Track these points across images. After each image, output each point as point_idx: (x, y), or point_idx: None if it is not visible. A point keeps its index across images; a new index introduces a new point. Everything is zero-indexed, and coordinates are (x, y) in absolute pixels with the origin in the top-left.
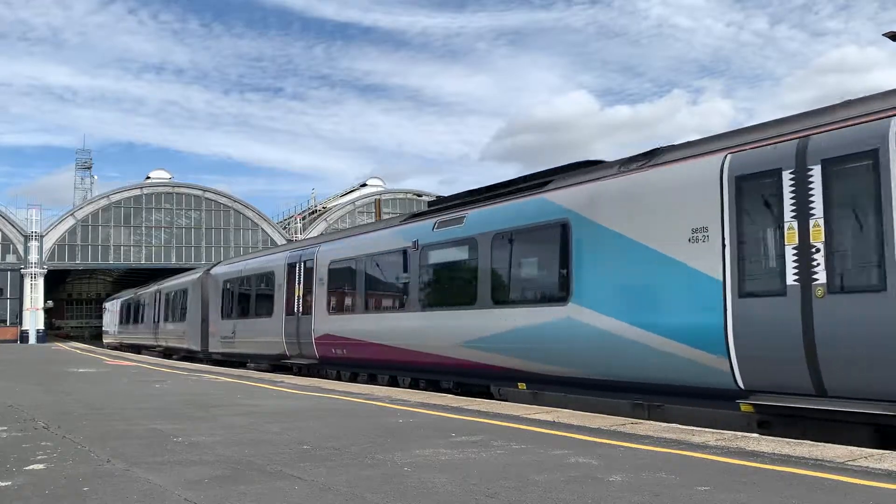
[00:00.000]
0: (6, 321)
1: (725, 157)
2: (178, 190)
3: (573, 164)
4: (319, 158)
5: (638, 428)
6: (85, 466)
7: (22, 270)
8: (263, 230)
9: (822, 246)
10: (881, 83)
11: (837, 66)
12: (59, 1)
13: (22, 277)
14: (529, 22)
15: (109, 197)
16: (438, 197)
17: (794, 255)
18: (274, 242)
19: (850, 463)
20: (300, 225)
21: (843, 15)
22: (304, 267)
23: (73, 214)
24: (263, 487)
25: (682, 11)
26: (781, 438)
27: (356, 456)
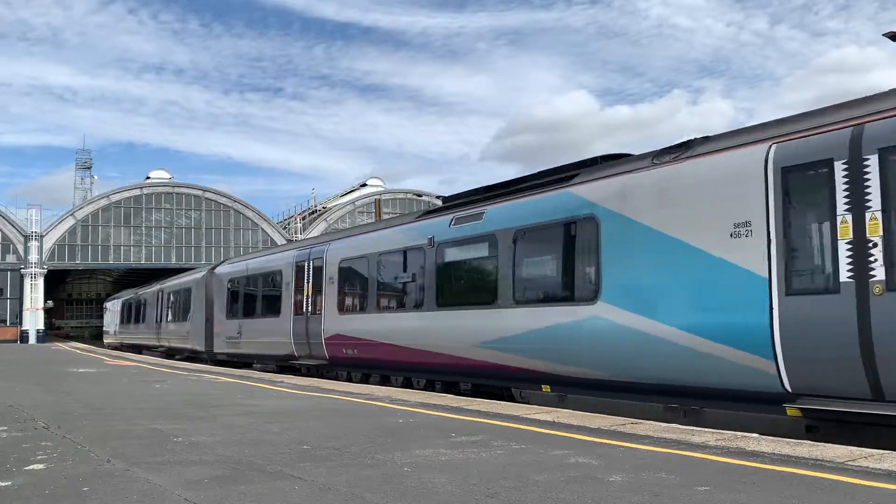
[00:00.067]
0: (6, 321)
1: (770, 147)
2: (178, 190)
3: (598, 157)
4: (319, 158)
5: (638, 428)
6: (85, 466)
7: (22, 270)
8: (263, 230)
9: (879, 240)
10: (881, 83)
11: (837, 66)
12: (59, 1)
13: (22, 277)
14: (529, 22)
15: (109, 197)
16: (445, 194)
17: (847, 250)
18: (274, 242)
19: (850, 463)
20: (300, 225)
21: (843, 15)
22: (312, 265)
23: (73, 214)
24: (263, 487)
25: (682, 11)
26: (781, 438)
27: (356, 456)
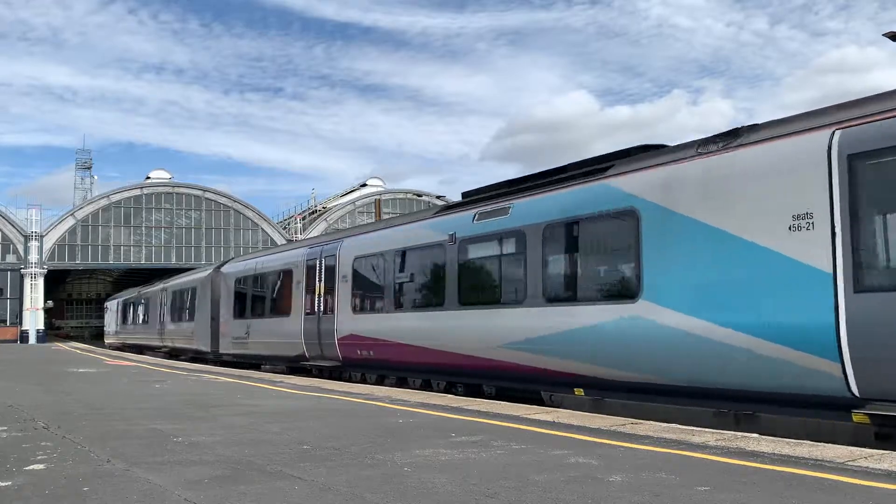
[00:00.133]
0: (6, 321)
1: (833, 133)
2: (178, 190)
3: (632, 148)
4: (319, 158)
5: (638, 428)
6: (85, 466)
7: (22, 270)
8: (263, 230)
9: None
10: (881, 83)
11: (837, 66)
12: (59, 1)
13: (22, 277)
14: (529, 22)
15: (109, 197)
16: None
17: None
18: (274, 242)
19: (850, 463)
20: (300, 225)
21: (843, 15)
22: (325, 263)
23: (73, 214)
24: (263, 487)
25: (682, 11)
26: (781, 438)
27: (356, 456)
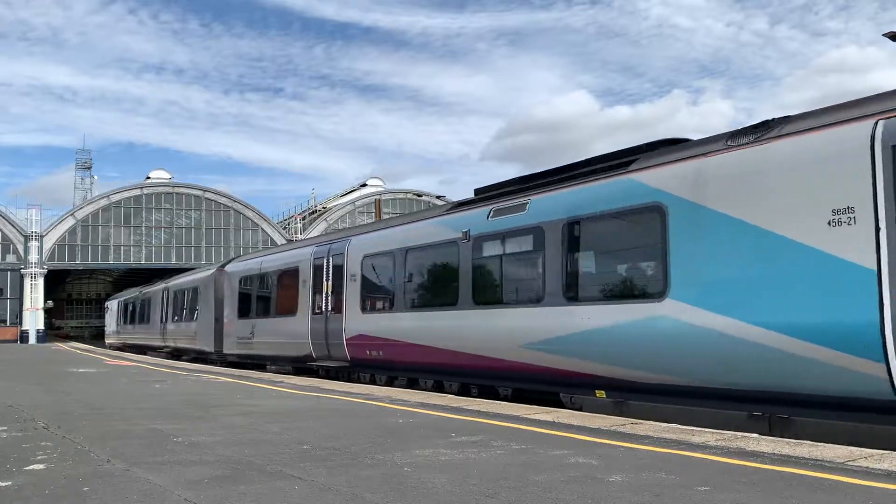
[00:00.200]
0: (6, 321)
1: (876, 123)
2: (178, 190)
3: (655, 142)
4: (319, 158)
5: (638, 428)
6: (85, 466)
7: (22, 270)
8: (263, 230)
9: None
10: (881, 83)
11: (837, 66)
12: (59, 1)
13: (22, 277)
14: (529, 22)
15: (109, 197)
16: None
17: None
18: (274, 242)
19: (850, 463)
20: (300, 225)
21: (843, 15)
22: (332, 262)
23: (73, 214)
24: (263, 487)
25: (682, 11)
26: (781, 438)
27: (356, 456)
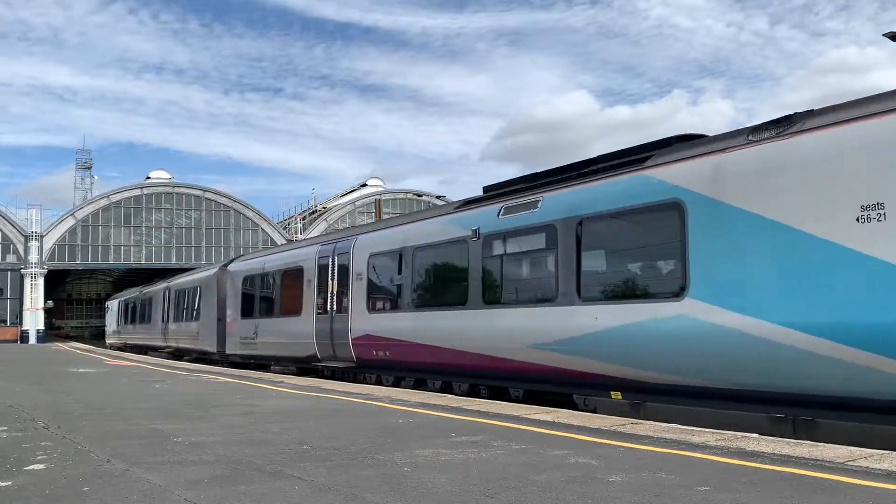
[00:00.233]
0: (6, 321)
1: None
2: (178, 190)
3: (671, 138)
4: (319, 158)
5: (638, 428)
6: (85, 466)
7: (22, 270)
8: (263, 230)
9: None
10: (881, 83)
11: (837, 66)
12: (59, 1)
13: (22, 277)
14: (529, 22)
15: (109, 197)
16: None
17: None
18: (274, 242)
19: (850, 463)
20: (300, 225)
21: (843, 15)
22: (338, 261)
23: (73, 214)
24: (263, 487)
25: (682, 11)
26: (781, 438)
27: (356, 456)
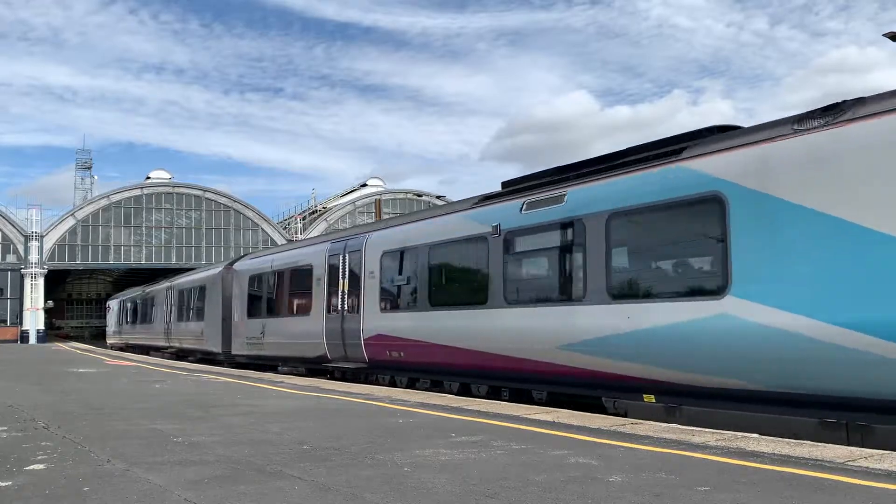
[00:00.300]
0: (6, 321)
1: None
2: (178, 190)
3: (703, 129)
4: (319, 158)
5: (638, 428)
6: (85, 466)
7: (22, 270)
8: (263, 230)
9: None
10: (881, 83)
11: (838, 66)
12: (59, 1)
13: (22, 277)
14: (529, 22)
15: (109, 197)
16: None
17: None
18: (274, 242)
19: (850, 463)
20: (300, 225)
21: (843, 15)
22: (349, 259)
23: (73, 214)
24: (263, 487)
25: (682, 12)
26: (781, 438)
27: (356, 456)
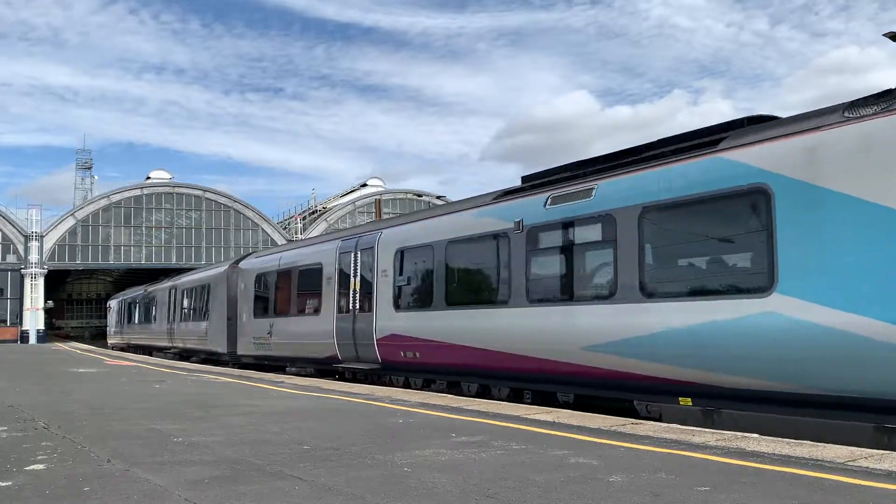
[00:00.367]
0: (6, 321)
1: None
2: (178, 190)
3: (740, 119)
4: (319, 158)
5: (638, 428)
6: (85, 466)
7: (22, 270)
8: (263, 230)
9: None
10: (882, 83)
11: (838, 66)
12: (59, 1)
13: (22, 277)
14: (529, 22)
15: (109, 197)
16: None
17: None
18: (274, 242)
19: (850, 463)
20: (300, 225)
21: (843, 15)
22: (361, 256)
23: (73, 214)
24: (263, 487)
25: (682, 12)
26: (781, 438)
27: (356, 456)
